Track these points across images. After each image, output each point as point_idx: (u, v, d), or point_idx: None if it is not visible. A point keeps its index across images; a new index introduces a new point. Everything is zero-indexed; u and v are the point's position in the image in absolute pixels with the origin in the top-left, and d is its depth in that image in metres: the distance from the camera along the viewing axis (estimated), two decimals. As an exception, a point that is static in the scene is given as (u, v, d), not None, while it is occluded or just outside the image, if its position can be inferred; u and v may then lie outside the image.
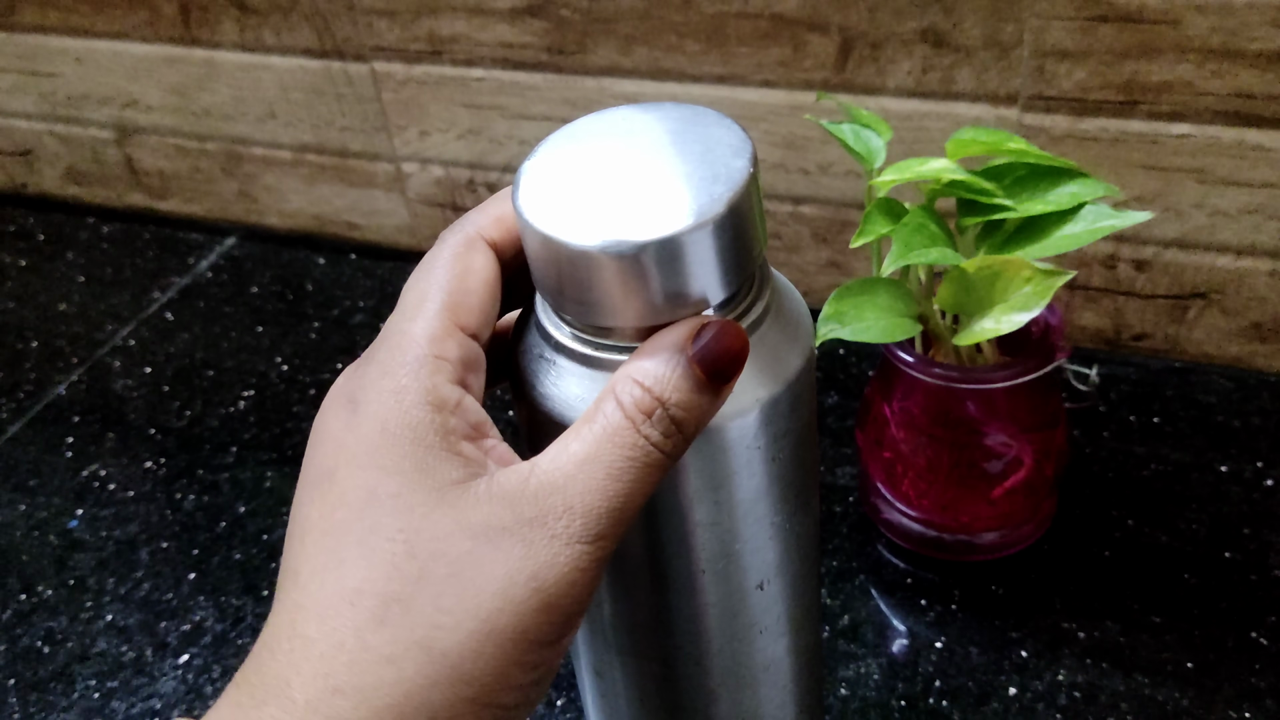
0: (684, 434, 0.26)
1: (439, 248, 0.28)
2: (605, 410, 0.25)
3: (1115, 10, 0.53)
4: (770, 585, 0.32)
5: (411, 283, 0.28)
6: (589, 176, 0.27)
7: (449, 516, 0.25)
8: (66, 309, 0.77)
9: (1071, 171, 0.44)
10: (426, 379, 0.26)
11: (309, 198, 0.80)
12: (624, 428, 0.25)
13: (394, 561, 0.24)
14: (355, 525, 0.25)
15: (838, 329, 0.42)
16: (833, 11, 0.58)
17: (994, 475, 0.49)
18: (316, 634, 0.24)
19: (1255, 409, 0.58)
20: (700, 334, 0.26)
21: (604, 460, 0.25)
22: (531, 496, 0.25)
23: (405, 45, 0.69)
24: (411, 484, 0.25)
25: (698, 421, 0.26)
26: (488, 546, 0.24)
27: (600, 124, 0.29)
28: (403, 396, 0.26)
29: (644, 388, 0.25)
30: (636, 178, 0.27)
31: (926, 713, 0.46)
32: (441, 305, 0.27)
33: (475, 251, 0.28)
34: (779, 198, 0.65)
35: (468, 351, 0.27)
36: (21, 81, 0.84)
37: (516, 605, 0.24)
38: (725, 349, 0.25)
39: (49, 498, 0.62)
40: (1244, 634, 0.47)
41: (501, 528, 0.24)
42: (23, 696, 0.51)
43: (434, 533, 0.24)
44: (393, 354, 0.26)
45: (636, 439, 0.25)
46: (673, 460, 0.26)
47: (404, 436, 0.25)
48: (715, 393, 0.26)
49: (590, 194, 0.27)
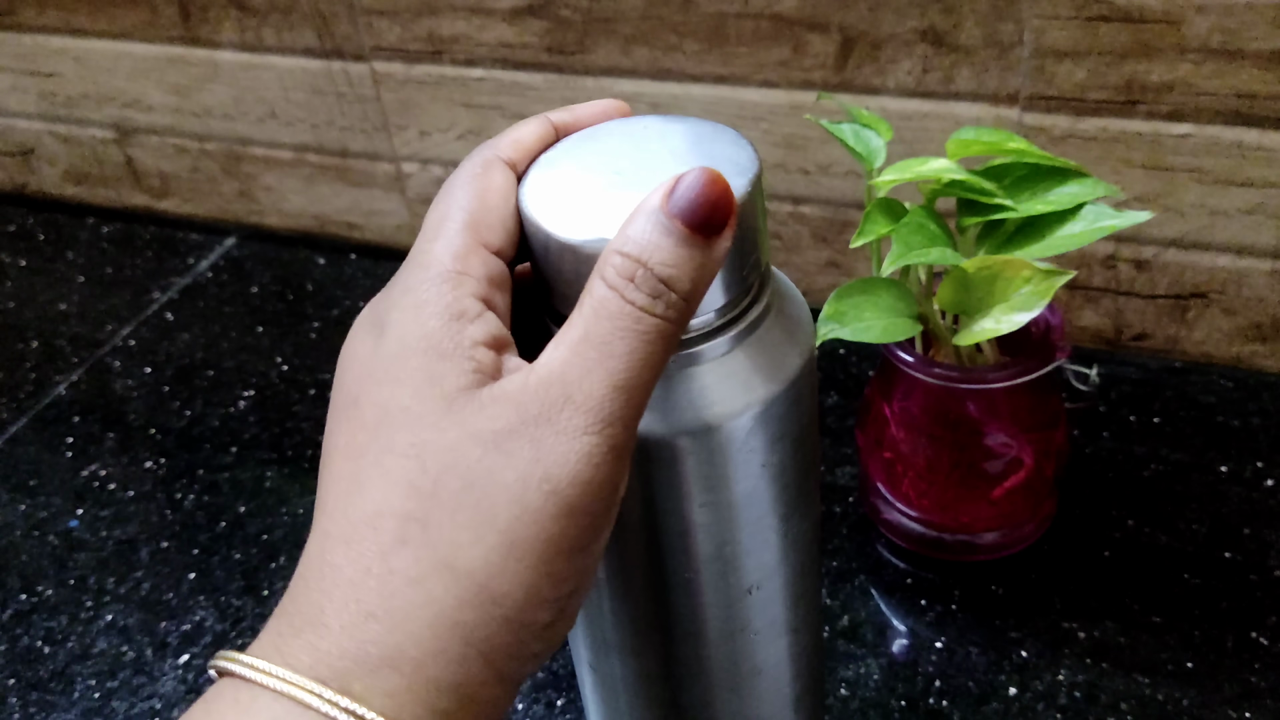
0: (678, 291, 0.24)
1: (457, 172, 0.27)
2: (591, 288, 0.24)
3: (1115, 10, 0.53)
4: (762, 589, 0.32)
5: (433, 207, 0.27)
6: (595, 178, 0.27)
7: (457, 425, 0.24)
8: (67, 309, 0.77)
9: (1072, 171, 0.44)
10: (448, 292, 0.25)
11: (309, 198, 0.80)
12: (609, 298, 0.24)
13: (409, 479, 0.24)
14: (372, 445, 0.25)
15: (838, 329, 0.42)
16: (833, 11, 0.58)
17: (994, 475, 0.49)
18: (343, 560, 0.24)
19: (1255, 409, 0.58)
20: (676, 187, 0.24)
21: (595, 338, 0.24)
22: (533, 392, 0.24)
23: (405, 45, 0.69)
24: (420, 394, 0.24)
25: (691, 277, 0.24)
26: (497, 453, 0.23)
27: (616, 130, 0.29)
28: (421, 309, 0.25)
29: (623, 254, 0.24)
30: (641, 182, 0.27)
31: (926, 713, 0.46)
32: (463, 223, 0.26)
33: (494, 171, 0.27)
34: (779, 198, 0.65)
35: (492, 268, 0.26)
36: (22, 81, 0.84)
37: (534, 512, 0.23)
38: (702, 196, 0.24)
39: (49, 497, 0.62)
40: (1244, 634, 0.47)
41: (509, 430, 0.24)
42: (23, 696, 0.51)
43: (443, 443, 0.24)
44: (415, 273, 0.26)
45: (623, 306, 0.24)
46: (674, 325, 0.24)
47: (418, 347, 0.25)
48: (704, 245, 0.24)
49: (592, 194, 0.27)
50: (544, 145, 0.28)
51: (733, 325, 0.28)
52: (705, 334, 0.28)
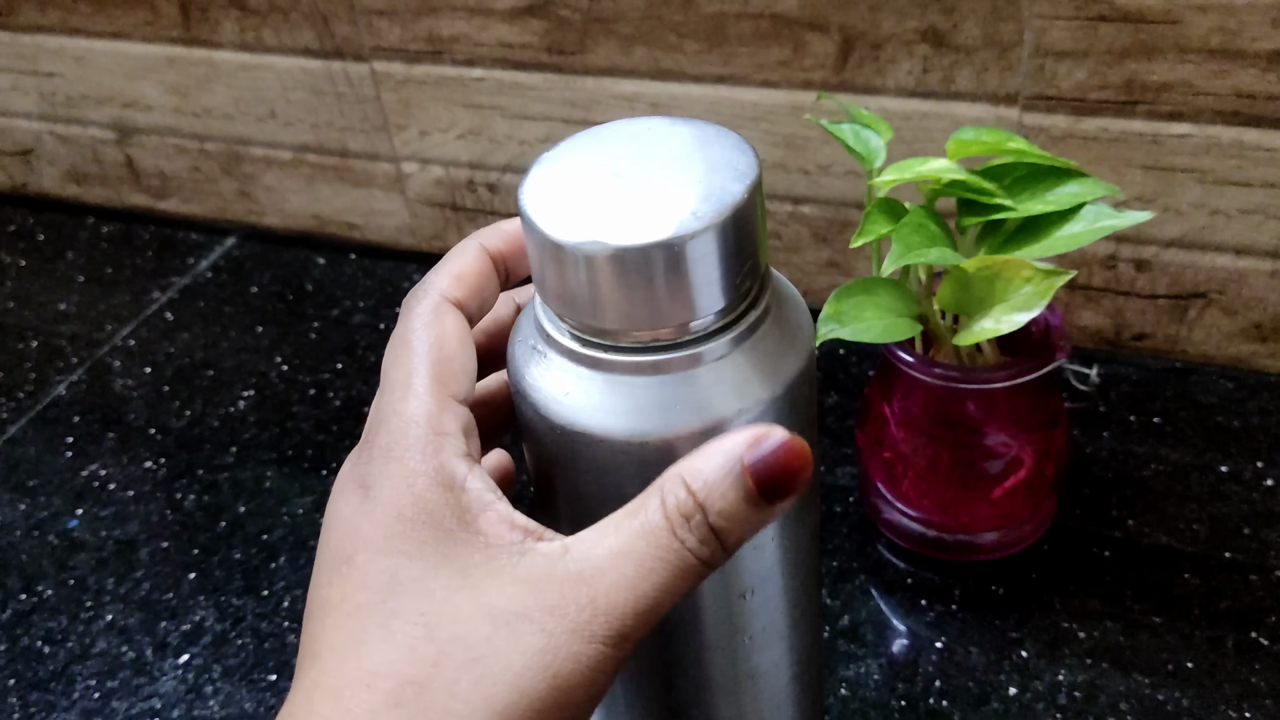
0: (724, 544, 0.25)
1: (408, 319, 0.28)
2: (648, 506, 0.25)
3: (1116, 10, 0.53)
4: (760, 592, 0.32)
5: (391, 359, 0.28)
6: (593, 178, 0.27)
7: (470, 600, 0.24)
8: (66, 309, 0.77)
9: (1072, 171, 0.44)
10: (433, 459, 0.26)
11: (309, 198, 0.80)
12: (661, 528, 0.24)
13: (412, 644, 0.24)
14: (378, 608, 0.25)
15: (838, 329, 0.42)
16: (833, 11, 0.58)
17: (994, 475, 0.49)
18: (331, 713, 0.24)
19: (1255, 409, 0.58)
20: (760, 443, 0.25)
21: (637, 558, 0.24)
22: (557, 583, 0.24)
23: (405, 45, 0.69)
24: (434, 568, 0.25)
25: (741, 534, 0.25)
26: (506, 633, 0.24)
27: (620, 130, 0.29)
28: (414, 481, 0.26)
29: (689, 490, 0.25)
30: (637, 184, 0.27)
31: (926, 713, 0.46)
32: (429, 380, 0.27)
33: (445, 316, 0.28)
34: (779, 198, 0.65)
35: (464, 421, 0.27)
36: (21, 81, 0.84)
37: (531, 699, 0.24)
38: (784, 466, 0.24)
39: (49, 497, 0.62)
40: (1244, 634, 0.47)
41: (522, 614, 0.24)
42: (22, 696, 0.51)
43: (454, 615, 0.24)
44: (395, 438, 0.26)
45: (672, 542, 0.24)
46: (709, 569, 0.25)
47: (421, 521, 0.25)
48: (766, 509, 0.25)
49: (588, 194, 0.27)
50: (481, 277, 0.29)
51: (732, 327, 0.28)
52: (704, 336, 0.28)
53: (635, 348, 0.28)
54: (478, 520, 0.25)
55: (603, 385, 0.28)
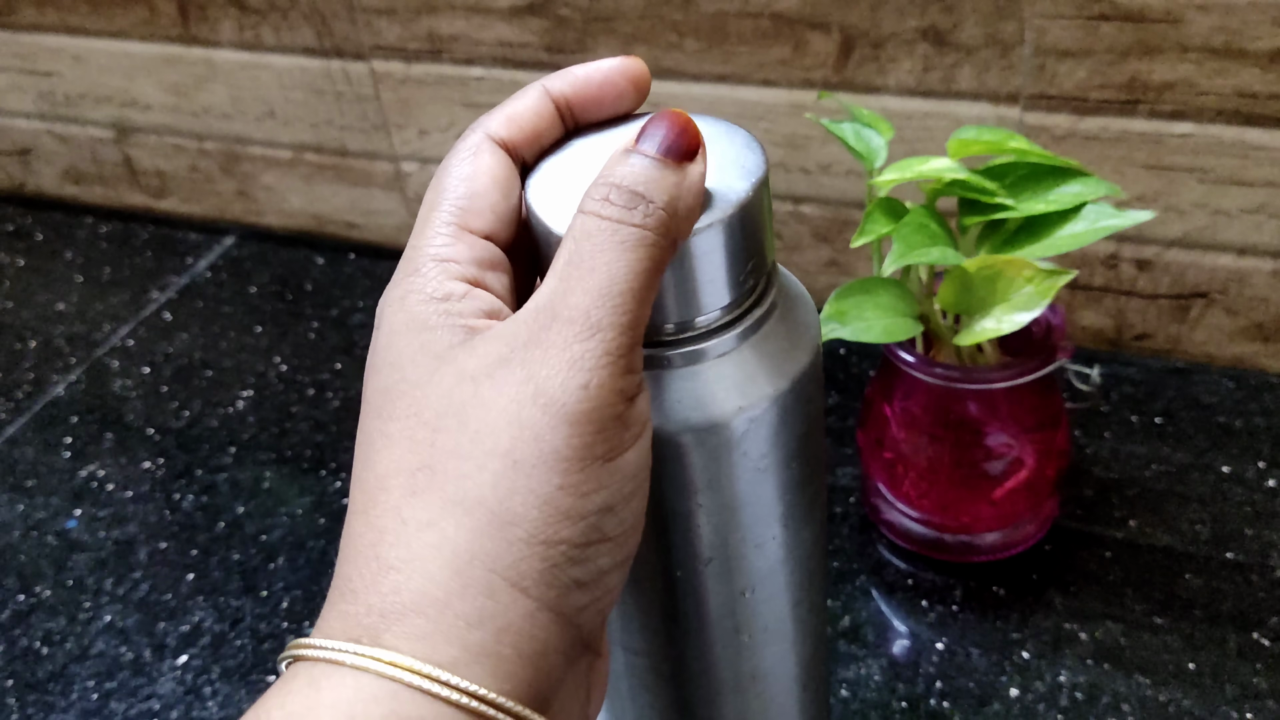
0: (655, 201, 0.24)
1: (449, 156, 0.28)
2: (572, 224, 0.25)
3: (1117, 9, 0.53)
4: (763, 591, 0.32)
5: (428, 191, 0.28)
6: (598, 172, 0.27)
7: (449, 373, 0.25)
8: (65, 309, 0.77)
9: (1073, 171, 0.44)
10: (430, 280, 0.26)
11: (308, 197, 0.80)
12: (588, 221, 0.24)
13: (409, 435, 0.24)
14: (374, 422, 0.25)
15: (838, 329, 0.42)
16: (833, 10, 0.58)
17: (995, 475, 0.49)
18: (362, 527, 0.25)
19: (1257, 409, 0.58)
20: (641, 132, 0.25)
21: (578, 258, 0.24)
22: (522, 323, 0.24)
23: (404, 44, 0.69)
24: (415, 363, 0.25)
25: (668, 191, 0.25)
26: (489, 383, 0.24)
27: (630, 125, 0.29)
28: (406, 298, 0.26)
29: (598, 183, 0.25)
30: None
31: (927, 714, 0.46)
32: (447, 212, 0.27)
33: (482, 154, 0.28)
34: (780, 197, 0.65)
35: (480, 252, 0.27)
36: (20, 81, 0.84)
37: (533, 428, 0.23)
38: (666, 124, 0.25)
39: (47, 498, 0.61)
40: (1246, 634, 0.47)
41: (500, 360, 0.24)
42: (21, 697, 0.51)
43: (438, 393, 0.24)
44: (402, 268, 0.27)
45: (600, 224, 0.24)
46: (655, 234, 0.24)
47: (408, 330, 0.25)
48: (675, 167, 0.25)
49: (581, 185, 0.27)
50: (539, 119, 0.28)
51: (738, 322, 0.28)
52: (710, 331, 0.28)
53: None
54: (467, 320, 0.25)
55: None
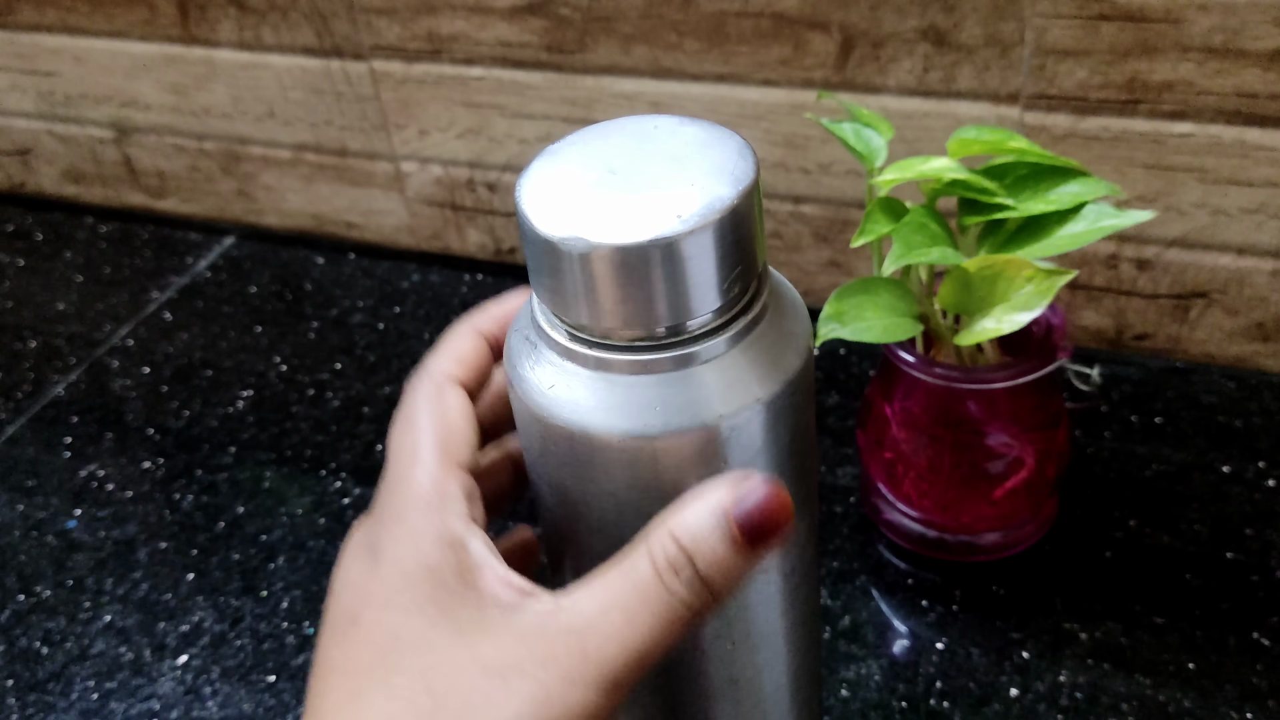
0: (712, 593, 0.25)
1: (413, 398, 0.30)
2: (636, 561, 0.26)
3: (1117, 9, 0.53)
4: (738, 600, 0.32)
5: (397, 435, 0.29)
6: (589, 175, 0.27)
7: (465, 653, 0.25)
8: (65, 309, 0.77)
9: (1073, 171, 0.44)
10: (437, 520, 0.27)
11: (308, 197, 0.80)
12: (650, 580, 0.25)
13: (411, 698, 0.25)
14: (379, 665, 0.26)
15: (838, 329, 0.42)
16: (833, 10, 0.58)
17: (995, 475, 0.49)
18: None
19: (1257, 409, 0.58)
20: (744, 495, 0.25)
21: (626, 608, 0.25)
22: (549, 637, 0.25)
23: (404, 44, 0.69)
24: (433, 623, 0.26)
25: (728, 583, 0.26)
26: (500, 683, 0.25)
27: (625, 126, 0.29)
28: (419, 541, 0.27)
29: (679, 545, 0.25)
30: (631, 183, 0.27)
31: (927, 714, 0.46)
32: (434, 448, 0.28)
33: (447, 393, 0.29)
34: (779, 197, 0.65)
35: (466, 485, 0.28)
36: (19, 80, 0.84)
37: None
38: (768, 515, 0.25)
39: (47, 498, 0.61)
40: (1246, 635, 0.47)
41: (516, 666, 0.25)
42: (21, 697, 0.51)
43: (450, 669, 0.25)
44: (402, 502, 0.28)
45: (661, 593, 0.25)
46: (699, 617, 0.26)
47: (423, 578, 0.26)
48: (751, 555, 0.26)
49: (581, 190, 0.27)
50: (478, 356, 0.30)
51: (730, 325, 0.28)
52: (702, 334, 0.28)
53: (622, 345, 0.28)
54: (476, 578, 0.26)
55: (589, 381, 0.28)
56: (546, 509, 0.32)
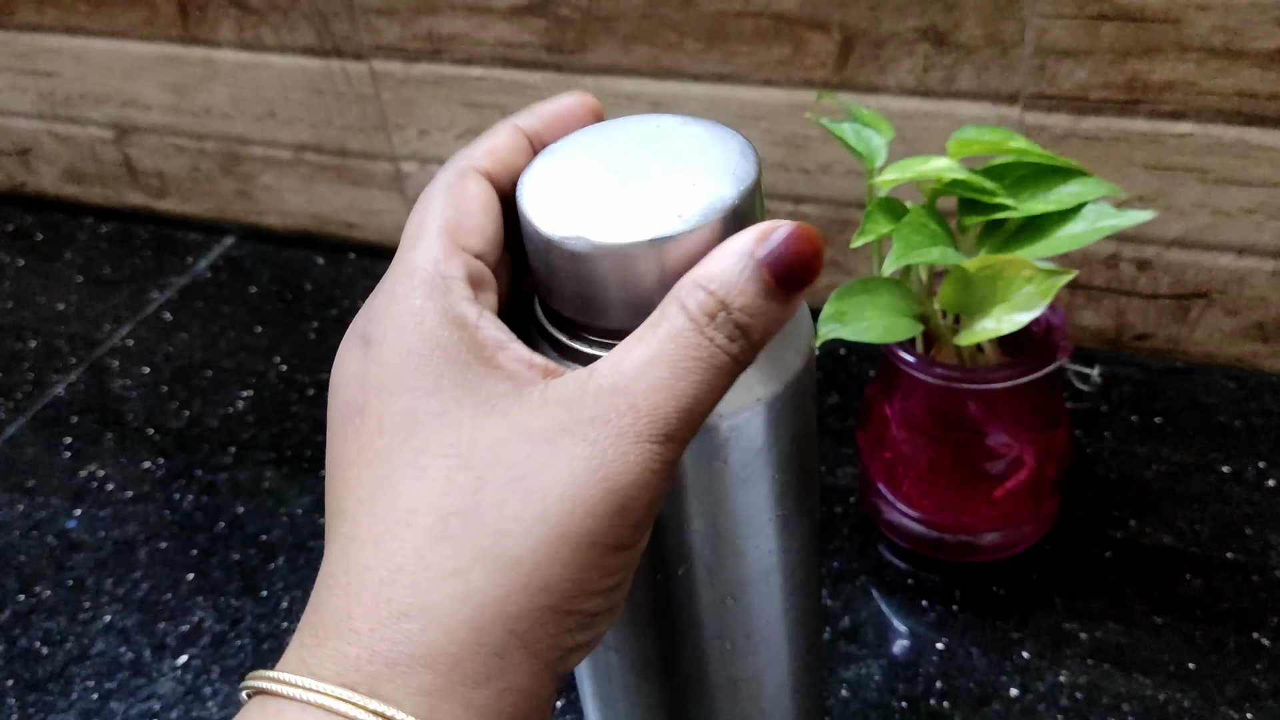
0: (750, 340, 0.24)
1: (433, 182, 0.28)
2: (668, 314, 0.24)
3: (1117, 9, 0.53)
4: (737, 600, 0.32)
5: (410, 217, 0.27)
6: (591, 175, 0.27)
7: (503, 424, 0.23)
8: (65, 309, 0.77)
9: (1073, 171, 0.44)
10: (440, 299, 0.25)
11: (308, 197, 0.80)
12: (688, 329, 0.24)
13: (448, 476, 0.23)
14: (401, 448, 0.24)
15: (838, 329, 0.42)
16: (834, 10, 0.58)
17: (995, 475, 0.49)
18: (373, 560, 0.23)
19: (1257, 409, 0.58)
20: (770, 236, 0.24)
21: (668, 360, 0.24)
22: (592, 398, 0.24)
23: (404, 44, 0.69)
24: (455, 400, 0.24)
25: (765, 328, 0.25)
26: (548, 448, 0.23)
27: (627, 127, 0.29)
28: (422, 319, 0.25)
29: (708, 291, 0.24)
30: (634, 184, 0.27)
31: (928, 714, 0.46)
32: (440, 229, 0.26)
33: (468, 180, 0.27)
34: (779, 197, 0.65)
35: (474, 270, 0.26)
36: (19, 80, 0.84)
37: (589, 507, 0.23)
38: (796, 253, 0.24)
39: (47, 498, 0.61)
40: (1246, 634, 0.47)
41: (561, 429, 0.23)
42: (21, 697, 0.51)
43: (488, 442, 0.23)
44: (400, 282, 0.26)
45: (701, 340, 0.24)
46: (740, 365, 0.25)
47: (435, 356, 0.24)
48: (785, 300, 0.24)
49: (583, 191, 0.27)
50: (516, 153, 0.28)
51: None
52: None
53: None
54: (495, 357, 0.24)
55: None
56: None
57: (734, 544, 0.30)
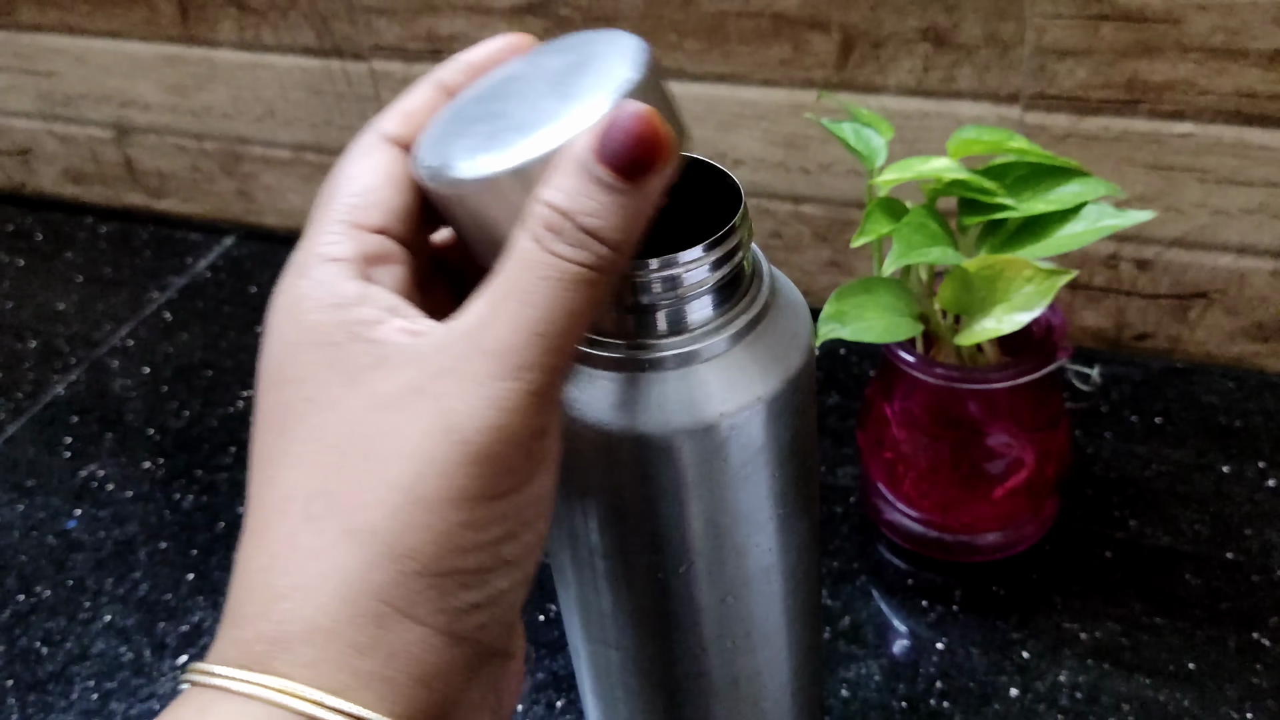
0: (607, 242, 0.23)
1: (341, 157, 0.27)
2: (517, 243, 0.24)
3: (1117, 9, 0.53)
4: (737, 599, 0.32)
5: (316, 199, 0.27)
6: (479, 125, 0.26)
7: (360, 398, 0.24)
8: (65, 309, 0.77)
9: (1073, 171, 0.44)
10: (323, 285, 0.25)
11: (308, 197, 0.80)
12: (531, 250, 0.23)
13: (312, 459, 0.24)
14: (278, 441, 0.25)
15: (838, 329, 0.42)
16: (834, 10, 0.58)
17: (995, 475, 0.49)
18: (256, 551, 0.24)
19: (1257, 409, 0.58)
20: (606, 130, 0.23)
21: (517, 289, 0.23)
22: (445, 348, 0.23)
23: (404, 44, 0.69)
24: (325, 383, 0.24)
25: (622, 226, 0.24)
26: (399, 413, 0.23)
27: (507, 70, 0.28)
28: (298, 307, 0.25)
29: (549, 205, 0.23)
30: (520, 123, 0.25)
31: (928, 714, 0.46)
32: (336, 210, 0.26)
33: (374, 151, 0.27)
34: (779, 197, 0.65)
35: (369, 246, 0.26)
36: (20, 80, 0.84)
37: (439, 463, 0.23)
38: (636, 140, 0.23)
39: (47, 498, 0.61)
40: (1246, 634, 0.47)
41: (411, 388, 0.23)
42: (21, 697, 0.51)
43: (345, 417, 0.24)
44: (288, 274, 0.26)
45: (545, 257, 0.23)
46: (601, 273, 0.24)
47: (309, 343, 0.25)
48: (635, 188, 0.23)
49: (474, 140, 0.26)
50: (433, 112, 0.28)
51: (731, 324, 0.28)
52: (703, 332, 0.28)
53: (623, 342, 0.28)
54: (372, 331, 0.24)
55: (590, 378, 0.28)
56: None
57: (734, 543, 0.30)
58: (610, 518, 0.30)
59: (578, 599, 0.34)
